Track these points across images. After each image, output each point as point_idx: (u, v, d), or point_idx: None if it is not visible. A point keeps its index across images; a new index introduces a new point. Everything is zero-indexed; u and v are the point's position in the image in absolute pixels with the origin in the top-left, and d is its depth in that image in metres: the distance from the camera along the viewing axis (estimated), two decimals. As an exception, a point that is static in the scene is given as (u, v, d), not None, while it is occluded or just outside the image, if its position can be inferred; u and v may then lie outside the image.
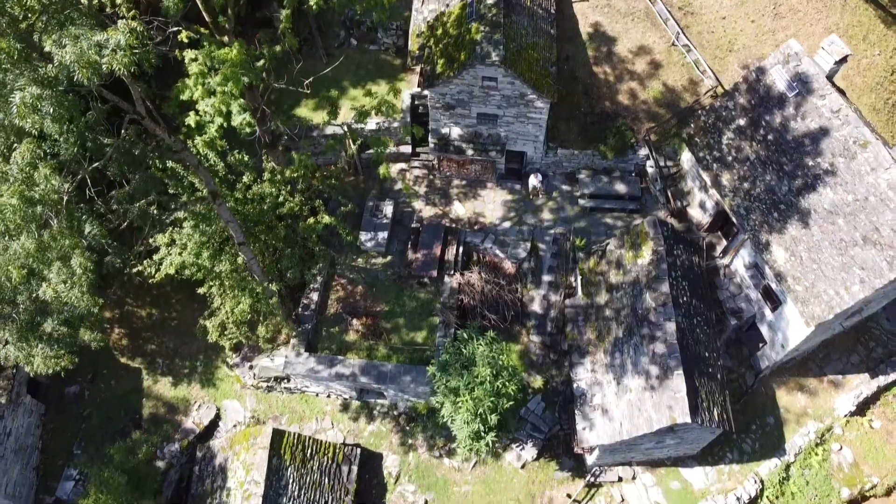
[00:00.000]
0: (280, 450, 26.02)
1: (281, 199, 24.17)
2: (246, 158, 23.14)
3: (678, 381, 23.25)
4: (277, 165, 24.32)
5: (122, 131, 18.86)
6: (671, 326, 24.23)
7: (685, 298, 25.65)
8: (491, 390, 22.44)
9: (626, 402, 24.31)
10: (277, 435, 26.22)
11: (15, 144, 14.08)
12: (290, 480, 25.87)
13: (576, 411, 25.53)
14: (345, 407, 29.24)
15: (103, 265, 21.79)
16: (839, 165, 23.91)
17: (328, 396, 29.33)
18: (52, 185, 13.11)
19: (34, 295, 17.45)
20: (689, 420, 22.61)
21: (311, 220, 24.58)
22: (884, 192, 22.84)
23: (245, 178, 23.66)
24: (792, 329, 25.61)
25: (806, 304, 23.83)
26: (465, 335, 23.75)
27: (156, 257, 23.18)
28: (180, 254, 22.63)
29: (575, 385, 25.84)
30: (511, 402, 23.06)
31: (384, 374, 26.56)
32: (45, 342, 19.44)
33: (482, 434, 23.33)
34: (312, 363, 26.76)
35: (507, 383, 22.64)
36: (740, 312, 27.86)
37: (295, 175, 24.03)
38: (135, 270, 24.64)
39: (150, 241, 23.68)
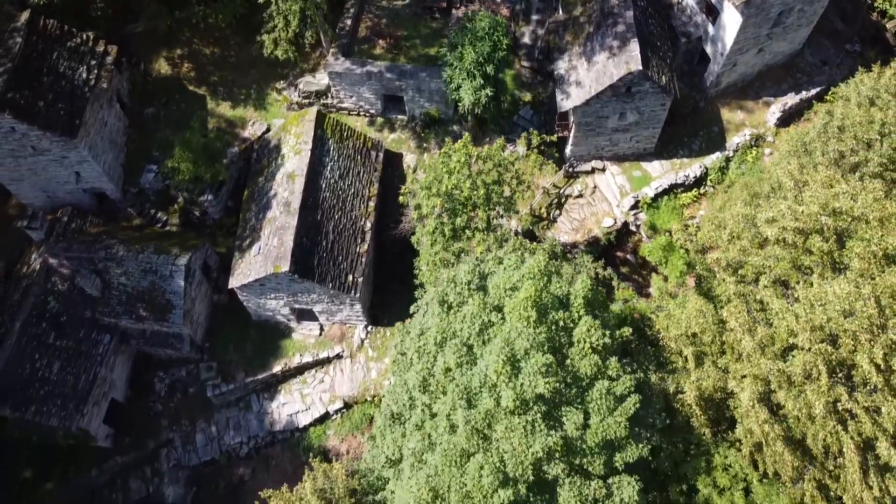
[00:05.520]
0: (323, 126, 32.90)
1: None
2: None
3: (633, 45, 30.21)
4: None
5: None
6: (630, 14, 31.15)
7: (642, 3, 32.56)
8: (489, 42, 29.32)
9: (594, 72, 31.22)
10: (321, 115, 33.11)
11: None
12: (331, 149, 32.76)
13: (556, 90, 32.44)
14: (371, 122, 36.19)
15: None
16: None
17: (358, 114, 36.26)
18: None
19: None
20: (640, 67, 29.53)
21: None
22: None
23: None
24: (727, 32, 32.48)
25: (733, -10, 30.75)
26: (468, 14, 30.60)
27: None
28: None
29: (556, 73, 32.74)
30: (503, 53, 29.96)
31: (405, 72, 33.44)
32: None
33: (483, 86, 30.19)
34: (348, 64, 33.63)
35: (501, 38, 29.55)
36: (689, 34, 34.75)
37: None
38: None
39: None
